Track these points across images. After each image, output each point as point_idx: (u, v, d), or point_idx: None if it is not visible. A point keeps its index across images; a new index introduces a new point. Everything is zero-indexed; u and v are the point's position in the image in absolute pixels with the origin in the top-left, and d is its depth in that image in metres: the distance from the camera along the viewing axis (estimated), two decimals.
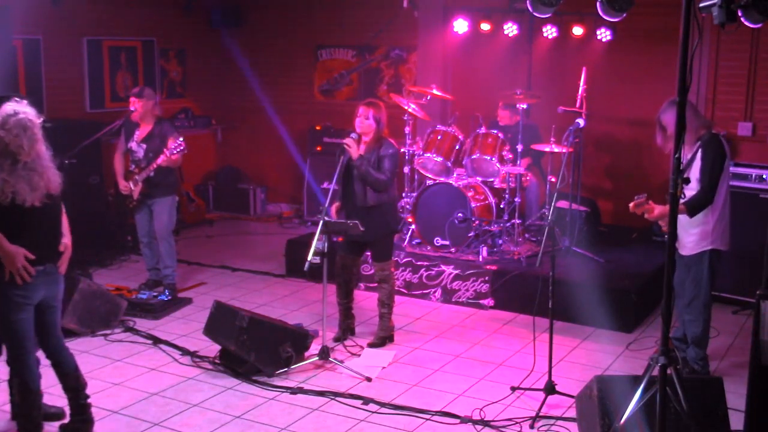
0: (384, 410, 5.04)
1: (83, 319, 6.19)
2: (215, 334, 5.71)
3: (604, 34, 8.11)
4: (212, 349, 5.87)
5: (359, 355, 5.92)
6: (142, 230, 7.17)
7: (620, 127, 8.65)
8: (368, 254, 6.41)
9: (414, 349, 6.10)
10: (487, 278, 7.05)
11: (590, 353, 6.05)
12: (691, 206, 5.10)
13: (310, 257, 5.52)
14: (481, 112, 7.99)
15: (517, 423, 4.85)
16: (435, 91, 7.86)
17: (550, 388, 5.02)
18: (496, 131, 7.56)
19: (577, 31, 8.32)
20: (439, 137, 7.57)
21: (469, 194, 7.37)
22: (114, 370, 5.62)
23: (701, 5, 3.82)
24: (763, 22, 4.28)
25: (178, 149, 6.69)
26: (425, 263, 7.33)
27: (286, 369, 5.55)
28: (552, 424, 4.86)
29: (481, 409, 5.02)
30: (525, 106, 7.70)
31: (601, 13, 5.88)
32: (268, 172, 10.77)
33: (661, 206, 5.01)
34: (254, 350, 5.48)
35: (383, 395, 5.25)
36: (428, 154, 7.56)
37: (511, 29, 8.51)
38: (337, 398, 5.20)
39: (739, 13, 4.07)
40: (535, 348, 5.31)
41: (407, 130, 7.87)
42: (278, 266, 8.11)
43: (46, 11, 8.43)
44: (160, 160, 6.72)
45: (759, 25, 4.35)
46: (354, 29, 9.88)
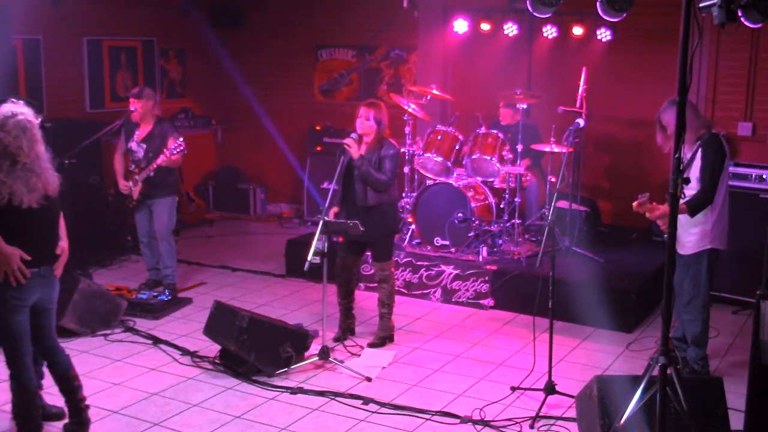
0: (384, 410, 5.04)
1: (83, 319, 6.19)
2: (215, 334, 5.71)
3: (604, 34, 8.10)
4: (212, 349, 5.87)
5: (359, 355, 5.92)
6: (142, 230, 7.17)
7: (620, 127, 8.65)
8: (368, 254, 6.41)
9: (414, 349, 6.10)
10: (487, 278, 7.05)
11: (590, 353, 6.05)
12: (692, 206, 5.11)
13: (310, 257, 5.52)
14: (481, 112, 7.99)
15: (517, 423, 4.85)
16: (435, 91, 7.86)
17: (550, 388, 5.02)
18: (496, 131, 7.56)
19: (577, 31, 8.31)
20: (439, 137, 7.57)
21: (469, 194, 7.37)
22: (114, 370, 5.62)
23: (701, 5, 3.82)
24: (763, 22, 4.28)
25: (178, 149, 6.69)
26: (425, 263, 7.33)
27: (286, 369, 5.55)
28: (552, 424, 4.86)
29: (481, 409, 5.02)
30: (525, 106, 7.71)
31: (601, 13, 5.88)
32: (268, 172, 10.76)
33: (664, 206, 5.01)
34: (254, 350, 5.48)
35: (383, 395, 5.25)
36: (428, 154, 7.56)
37: (511, 29, 8.51)
38: (337, 398, 5.20)
39: (739, 13, 4.07)
40: (535, 348, 5.31)
41: (407, 130, 7.87)
42: (278, 266, 8.11)
43: (46, 11, 8.43)
44: (160, 160, 6.72)
45: (759, 25, 4.35)
46: (354, 29, 9.87)
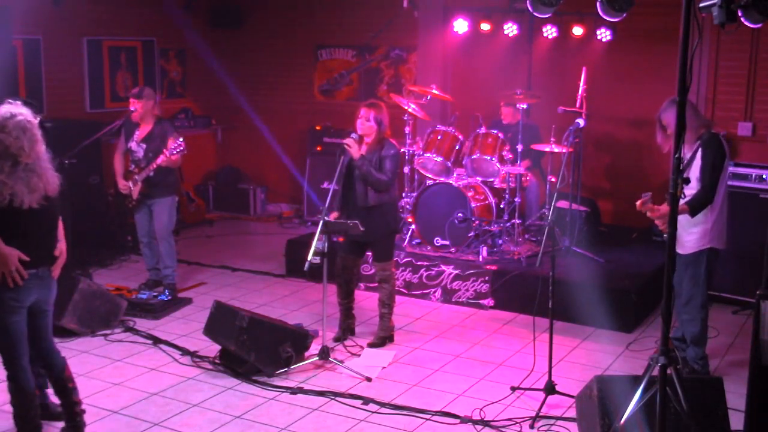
0: (384, 410, 5.04)
1: (83, 319, 6.19)
2: (215, 334, 5.71)
3: (604, 34, 8.11)
4: (212, 349, 5.87)
5: (359, 355, 5.92)
6: (141, 230, 7.17)
7: (620, 127, 8.65)
8: (369, 254, 6.41)
9: (414, 349, 6.10)
10: (487, 278, 7.05)
11: (590, 353, 6.04)
12: (693, 206, 5.11)
13: (310, 257, 5.52)
14: (481, 112, 8.00)
15: (517, 423, 4.85)
16: (435, 91, 7.86)
17: (550, 388, 5.02)
18: (496, 131, 7.56)
19: (577, 31, 8.31)
20: (439, 137, 7.57)
21: (469, 194, 7.37)
22: (114, 370, 5.62)
23: (701, 5, 3.82)
24: (763, 22, 4.28)
25: (177, 149, 6.69)
26: (425, 263, 7.32)
27: (286, 369, 5.55)
28: (552, 424, 4.85)
29: (481, 409, 5.02)
30: (525, 106, 7.71)
31: (601, 13, 5.88)
32: (268, 172, 10.76)
33: (664, 206, 5.01)
34: (254, 350, 5.48)
35: (383, 395, 5.25)
36: (428, 154, 7.56)
37: (511, 29, 8.51)
38: (337, 398, 5.20)
39: (739, 13, 4.07)
40: (535, 348, 5.31)
41: (407, 130, 7.87)
42: (278, 266, 8.11)
43: (46, 11, 8.43)
44: (159, 160, 6.72)
45: (759, 25, 4.35)
46: (354, 29, 9.87)
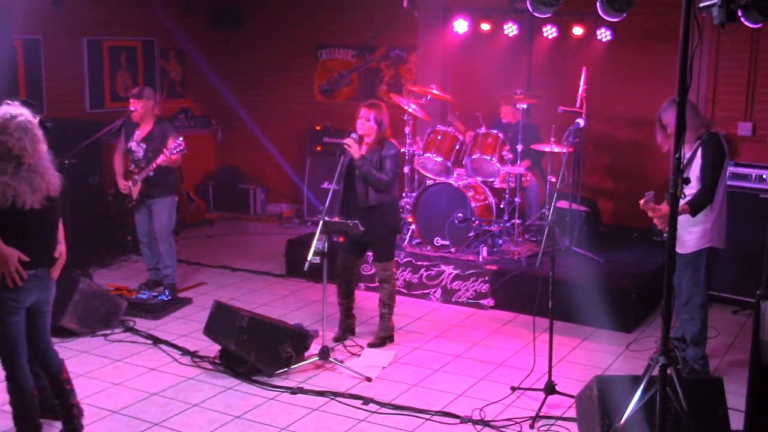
0: (384, 410, 5.04)
1: (83, 319, 6.19)
2: (215, 334, 5.71)
3: (604, 34, 8.10)
4: (212, 349, 5.87)
5: (359, 355, 5.92)
6: (141, 230, 7.17)
7: (620, 127, 8.65)
8: (369, 254, 6.41)
9: (414, 349, 6.10)
10: (487, 278, 7.04)
11: (590, 353, 6.04)
12: (694, 205, 5.12)
13: (310, 257, 5.52)
14: (481, 112, 8.00)
15: (517, 423, 4.85)
16: (435, 91, 7.86)
17: (550, 388, 5.02)
18: (496, 131, 7.56)
19: (577, 31, 8.31)
20: (439, 137, 7.57)
21: (469, 194, 7.37)
22: (114, 370, 5.62)
23: (701, 5, 3.82)
24: (763, 22, 4.28)
25: (177, 149, 6.69)
26: (425, 263, 7.32)
27: (286, 369, 5.55)
28: (552, 424, 4.85)
29: (481, 409, 5.02)
30: (525, 106, 7.71)
31: (601, 13, 5.88)
32: (268, 172, 10.76)
33: (666, 207, 5.01)
34: (254, 350, 5.48)
35: (383, 395, 5.25)
36: (428, 154, 7.56)
37: (511, 29, 8.51)
38: (337, 398, 5.20)
39: (739, 13, 4.07)
40: (535, 348, 5.30)
41: (407, 130, 7.87)
42: (278, 266, 8.11)
43: (46, 11, 8.43)
44: (159, 159, 6.72)
45: (759, 25, 4.35)
46: (354, 29, 9.87)
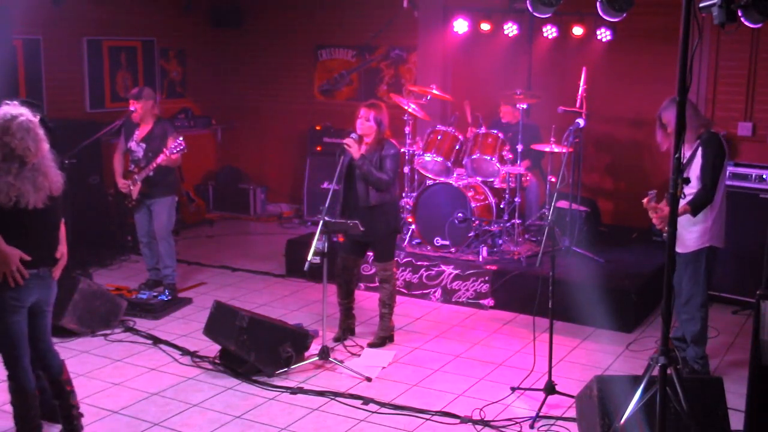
0: (384, 410, 5.04)
1: (83, 319, 6.19)
2: (215, 334, 5.71)
3: (604, 34, 8.10)
4: (212, 349, 5.87)
5: (359, 355, 5.92)
6: (141, 230, 7.17)
7: (620, 127, 8.65)
8: (369, 254, 6.41)
9: (414, 349, 6.10)
10: (487, 278, 7.04)
11: (590, 353, 6.04)
12: (695, 205, 5.13)
13: (310, 257, 5.52)
14: (481, 112, 8.00)
15: (517, 423, 4.85)
16: (435, 91, 7.86)
17: (550, 388, 5.02)
18: (496, 131, 7.56)
19: (577, 31, 8.31)
20: (439, 137, 7.57)
21: (469, 194, 7.37)
22: (114, 370, 5.62)
23: (701, 5, 3.82)
24: (763, 22, 4.28)
25: (177, 149, 6.69)
26: (425, 263, 7.32)
27: (286, 369, 5.55)
28: (552, 424, 4.85)
29: (481, 409, 5.02)
30: (525, 106, 7.71)
31: (601, 13, 5.88)
32: (268, 172, 10.76)
33: (667, 207, 5.01)
34: (254, 350, 5.47)
35: (383, 395, 5.25)
36: (428, 154, 7.56)
37: (511, 29, 8.51)
38: (337, 398, 5.20)
39: (739, 13, 4.07)
40: (535, 348, 5.30)
41: (407, 130, 7.86)
42: (278, 266, 8.11)
43: (46, 11, 8.42)
44: (159, 159, 6.72)
45: (759, 25, 4.35)
46: (354, 29, 9.87)
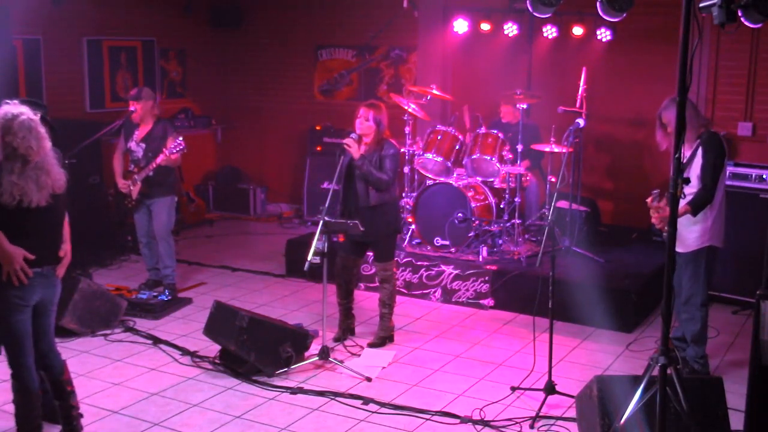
0: (384, 410, 5.04)
1: (83, 319, 6.19)
2: (215, 334, 5.71)
3: (604, 34, 8.10)
4: (212, 349, 5.87)
5: (359, 355, 5.92)
6: (141, 230, 7.17)
7: (620, 127, 8.65)
8: (369, 254, 6.41)
9: (414, 349, 6.10)
10: (487, 278, 7.04)
11: (590, 353, 6.04)
12: (695, 205, 5.14)
13: (310, 257, 5.52)
14: (481, 112, 8.00)
15: (517, 423, 4.85)
16: (435, 91, 7.86)
17: (550, 388, 5.02)
18: (496, 131, 7.56)
19: (577, 31, 8.31)
20: (439, 137, 7.57)
21: (469, 194, 7.37)
22: (114, 370, 5.62)
23: (701, 5, 3.82)
24: (763, 22, 4.28)
25: (177, 149, 6.69)
26: (425, 263, 7.32)
27: (286, 369, 5.55)
28: (552, 424, 4.86)
29: (481, 409, 5.02)
30: (525, 106, 7.71)
31: (601, 13, 5.88)
32: (268, 172, 10.76)
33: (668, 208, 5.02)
34: (254, 350, 5.48)
35: (383, 395, 5.25)
36: (428, 154, 7.56)
37: (511, 29, 8.51)
38: (337, 398, 5.20)
39: (739, 13, 4.07)
40: (535, 348, 5.31)
41: (407, 130, 7.86)
42: (278, 266, 8.11)
43: (46, 11, 8.42)
44: (159, 159, 6.72)
45: (759, 25, 4.35)
46: (354, 29, 9.87)
